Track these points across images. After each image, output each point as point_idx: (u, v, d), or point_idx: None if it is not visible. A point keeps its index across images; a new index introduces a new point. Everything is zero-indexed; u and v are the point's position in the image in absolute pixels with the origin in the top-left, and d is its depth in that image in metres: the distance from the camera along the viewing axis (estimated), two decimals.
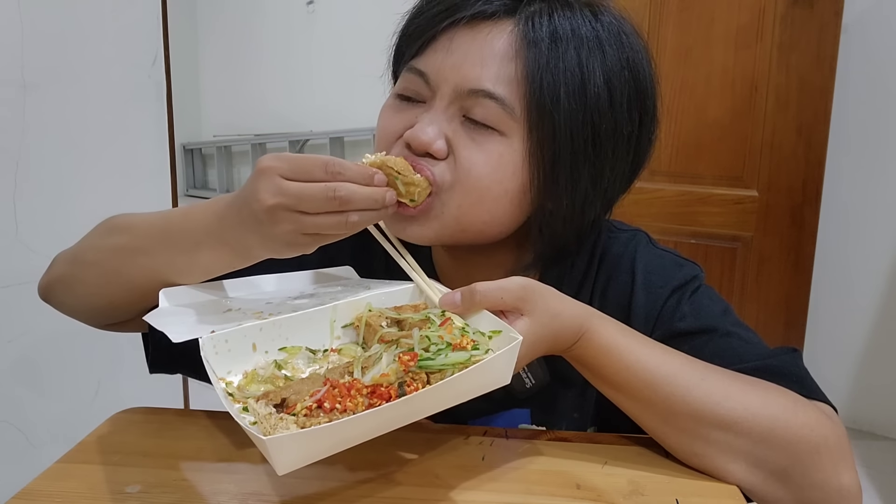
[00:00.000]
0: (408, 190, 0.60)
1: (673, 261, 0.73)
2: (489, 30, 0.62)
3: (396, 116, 0.66)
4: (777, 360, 0.64)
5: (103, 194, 1.32)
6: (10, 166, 1.19)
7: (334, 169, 0.54)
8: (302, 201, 0.53)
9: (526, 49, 0.61)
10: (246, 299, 0.66)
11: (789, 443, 0.57)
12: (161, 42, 1.42)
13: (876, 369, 2.28)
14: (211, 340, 0.54)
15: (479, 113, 0.62)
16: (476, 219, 0.65)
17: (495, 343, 0.53)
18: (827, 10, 1.97)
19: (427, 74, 0.64)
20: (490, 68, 0.61)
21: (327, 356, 0.57)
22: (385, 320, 0.58)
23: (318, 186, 0.53)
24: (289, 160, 0.54)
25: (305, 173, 0.54)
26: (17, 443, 1.25)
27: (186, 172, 8.05)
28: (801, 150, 2.08)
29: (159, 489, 0.57)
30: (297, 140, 6.68)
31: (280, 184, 0.53)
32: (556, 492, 0.57)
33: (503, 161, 0.63)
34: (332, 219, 0.54)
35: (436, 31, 0.63)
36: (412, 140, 0.63)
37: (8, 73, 1.17)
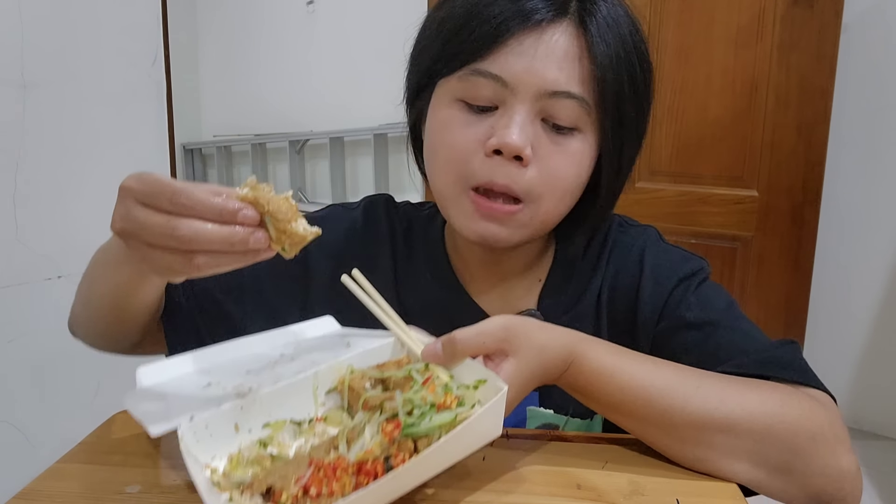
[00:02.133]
0: (279, 237, 0.51)
1: (680, 255, 0.75)
2: (551, 30, 0.62)
3: (470, 129, 0.64)
4: (777, 352, 0.64)
5: (103, 194, 1.32)
6: (10, 166, 1.19)
7: (179, 200, 0.47)
8: (143, 232, 0.48)
9: (588, 45, 0.62)
10: (224, 369, 0.63)
11: (788, 436, 0.57)
12: (161, 42, 1.42)
13: (876, 369, 2.28)
14: (191, 428, 0.51)
15: (562, 114, 0.63)
16: (557, 216, 0.68)
17: (482, 393, 0.51)
18: (827, 10, 1.97)
19: (504, 79, 0.62)
20: (564, 69, 0.62)
21: (313, 426, 0.54)
22: (368, 381, 0.56)
23: (160, 220, 0.47)
24: (144, 182, 0.49)
25: (153, 200, 0.48)
26: (17, 443, 1.25)
27: (186, 172, 8.05)
28: (801, 150, 2.08)
29: (159, 489, 0.57)
30: (298, 140, 6.68)
31: (130, 209, 0.49)
32: (557, 492, 0.57)
33: (583, 158, 0.65)
34: (174, 258, 0.48)
35: (505, 35, 0.61)
36: (503, 145, 0.61)
37: (8, 72, 1.17)
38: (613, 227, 0.78)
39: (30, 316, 1.22)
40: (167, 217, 0.47)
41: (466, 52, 0.63)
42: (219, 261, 0.49)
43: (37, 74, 1.21)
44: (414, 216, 0.81)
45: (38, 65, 1.21)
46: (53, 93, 1.24)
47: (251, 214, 0.49)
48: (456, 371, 0.55)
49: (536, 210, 0.65)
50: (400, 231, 0.79)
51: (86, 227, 1.30)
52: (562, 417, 0.72)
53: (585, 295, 0.75)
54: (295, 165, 6.77)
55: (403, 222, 0.80)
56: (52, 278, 1.26)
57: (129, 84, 1.37)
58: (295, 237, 0.51)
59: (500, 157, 0.62)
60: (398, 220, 0.80)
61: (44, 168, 1.24)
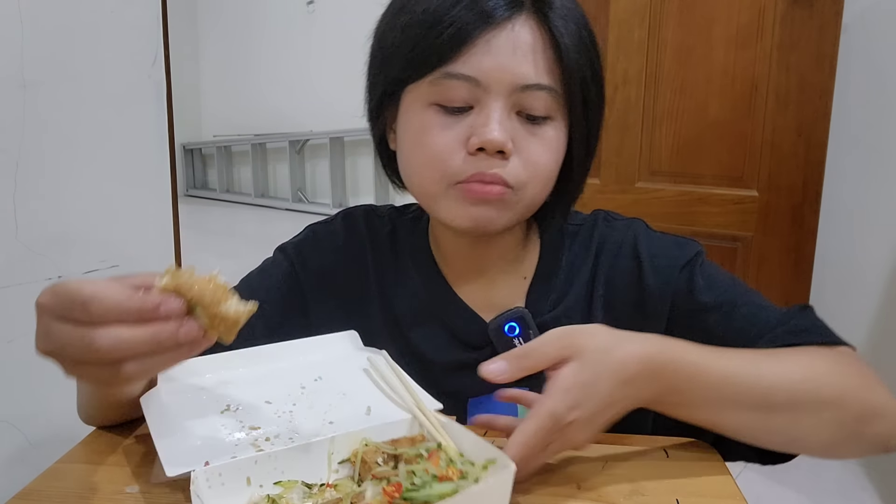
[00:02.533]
0: (212, 323, 0.47)
1: (673, 241, 0.76)
2: (514, 26, 0.63)
3: (449, 131, 0.65)
4: (800, 320, 0.68)
5: (103, 194, 1.32)
6: (10, 166, 1.19)
7: (91, 309, 0.44)
8: (64, 350, 0.46)
9: (551, 35, 0.64)
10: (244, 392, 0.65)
11: (857, 394, 0.61)
12: (161, 42, 1.42)
13: (876, 369, 2.28)
14: (204, 474, 0.52)
15: (536, 105, 0.65)
16: (540, 200, 0.70)
17: (489, 474, 0.51)
18: (827, 10, 1.97)
19: (476, 78, 0.63)
20: (533, 62, 0.64)
21: (323, 491, 0.55)
22: (381, 455, 0.56)
23: (77, 335, 0.45)
24: (56, 295, 0.46)
25: (68, 314, 0.45)
26: (17, 443, 1.25)
27: (186, 172, 8.07)
28: (801, 150, 2.08)
29: (159, 489, 0.57)
30: (298, 140, 6.68)
31: (48, 327, 0.46)
32: (557, 492, 0.57)
33: (559, 144, 0.68)
34: (101, 371, 0.46)
35: (472, 35, 0.62)
36: (486, 143, 0.63)
37: (8, 72, 1.17)
38: (599, 221, 0.79)
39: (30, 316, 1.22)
40: (84, 330, 0.44)
41: (436, 56, 0.64)
42: (151, 363, 0.46)
43: (37, 74, 1.21)
44: (398, 220, 0.82)
45: (38, 65, 1.21)
46: (53, 93, 1.24)
47: (173, 306, 0.45)
48: (467, 450, 0.55)
49: (523, 196, 0.67)
50: (383, 237, 0.80)
51: (86, 227, 1.30)
52: None
53: (573, 290, 0.75)
54: (295, 165, 6.78)
55: (386, 227, 0.81)
56: (53, 278, 1.26)
57: (129, 84, 1.37)
58: (228, 320, 0.47)
59: (483, 154, 0.64)
60: (381, 227, 0.81)
61: (44, 168, 1.23)
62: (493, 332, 0.72)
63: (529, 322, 0.72)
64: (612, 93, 2.30)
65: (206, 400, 0.64)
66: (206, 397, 0.64)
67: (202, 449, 0.56)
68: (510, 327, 0.71)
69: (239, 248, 1.37)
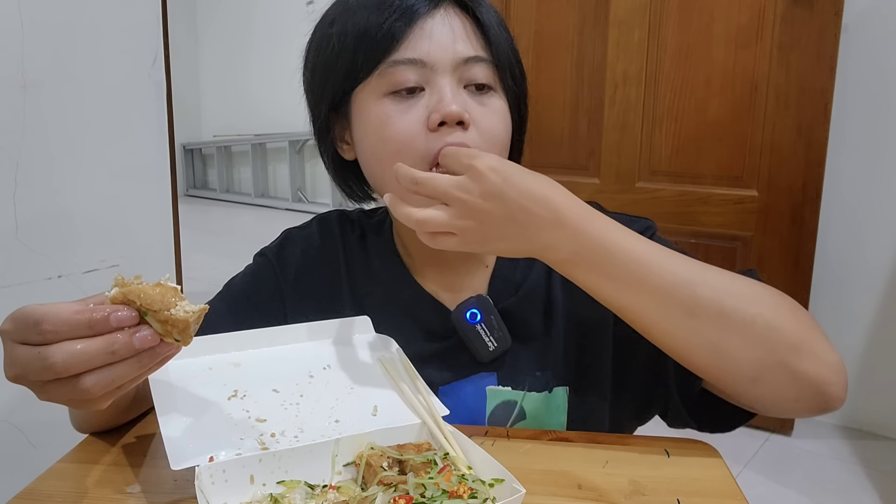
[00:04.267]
0: (165, 329, 0.47)
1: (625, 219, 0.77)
2: (444, 13, 0.69)
3: (407, 115, 0.68)
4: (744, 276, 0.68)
5: (103, 194, 1.32)
6: (10, 166, 1.19)
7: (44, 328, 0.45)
8: (27, 372, 0.47)
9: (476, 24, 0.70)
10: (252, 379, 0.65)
11: (794, 320, 0.60)
12: (161, 42, 1.42)
13: (876, 369, 2.28)
14: (208, 470, 0.52)
15: (480, 75, 0.69)
16: None
17: (497, 492, 0.52)
18: (827, 10, 1.97)
19: (421, 59, 0.67)
20: (467, 40, 0.69)
21: (325, 492, 0.55)
22: (387, 460, 0.57)
23: (33, 354, 0.46)
24: (14, 321, 0.47)
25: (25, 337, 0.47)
26: (17, 443, 1.25)
27: (186, 172, 8.06)
28: (801, 150, 2.08)
29: (159, 489, 0.57)
30: (298, 140, 6.68)
31: (11, 352, 0.47)
32: (557, 492, 0.57)
33: (505, 112, 0.71)
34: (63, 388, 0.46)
35: (407, 25, 0.67)
36: (447, 116, 0.66)
37: (8, 72, 1.17)
38: None
39: None
40: (38, 349, 0.45)
41: (380, 50, 0.68)
42: (111, 375, 0.46)
43: (37, 74, 1.21)
44: (366, 223, 0.85)
45: (38, 65, 1.21)
46: (53, 93, 1.24)
47: (124, 315, 0.46)
48: (476, 466, 0.55)
49: None
50: (354, 239, 0.83)
51: (86, 227, 1.30)
52: (519, 393, 0.73)
53: (532, 274, 0.77)
54: (295, 165, 6.78)
55: (357, 230, 0.84)
56: (53, 278, 1.26)
57: (129, 84, 1.37)
58: (178, 323, 0.47)
59: (445, 128, 0.66)
60: (351, 231, 0.84)
61: (44, 168, 1.24)
62: (456, 319, 0.74)
63: (490, 308, 0.74)
64: (612, 92, 2.30)
65: (214, 383, 0.64)
66: (215, 380, 0.64)
67: (208, 441, 0.56)
68: (471, 314, 0.73)
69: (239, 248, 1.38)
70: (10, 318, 0.48)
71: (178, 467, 0.53)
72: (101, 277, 1.32)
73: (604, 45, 2.29)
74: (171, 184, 1.46)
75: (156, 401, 0.59)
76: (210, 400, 0.62)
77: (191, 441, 0.56)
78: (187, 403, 0.60)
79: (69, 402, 0.50)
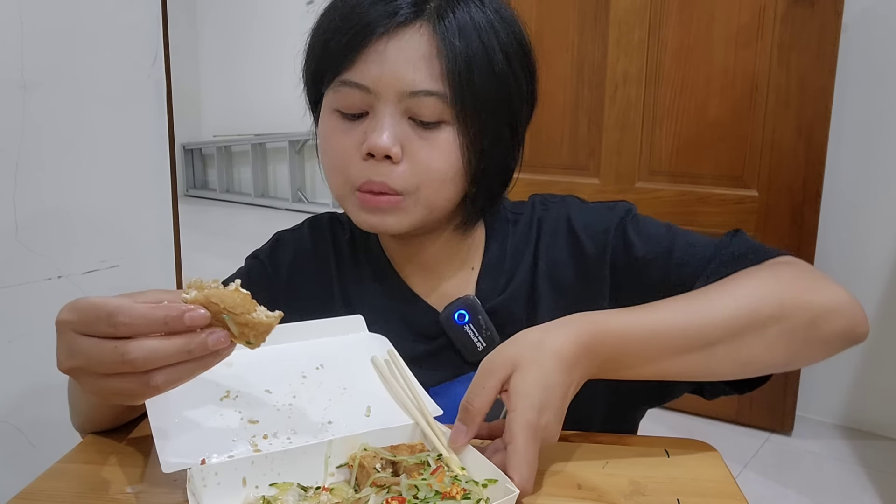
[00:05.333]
0: (241, 331, 0.49)
1: (604, 206, 0.79)
2: (410, 35, 0.66)
3: (346, 136, 0.69)
4: (732, 248, 0.72)
5: (103, 194, 1.32)
6: (10, 166, 1.19)
7: (118, 321, 0.46)
8: (92, 364, 0.47)
9: (444, 49, 0.66)
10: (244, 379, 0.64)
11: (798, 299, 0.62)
12: (161, 42, 1.42)
13: (876, 369, 2.28)
14: (200, 472, 0.52)
15: (425, 111, 0.66)
16: (442, 201, 0.71)
17: (490, 492, 0.52)
18: (827, 10, 1.97)
19: (367, 86, 0.66)
20: (421, 70, 0.66)
21: (318, 495, 0.55)
22: (380, 461, 0.56)
23: (108, 347, 0.46)
24: (79, 311, 0.47)
25: (93, 328, 0.47)
26: (17, 443, 1.25)
27: (186, 172, 8.05)
28: (801, 150, 2.08)
29: (159, 489, 0.57)
30: (298, 140, 6.68)
31: (72, 343, 0.47)
32: (557, 492, 0.57)
33: (452, 147, 0.68)
34: (129, 384, 0.47)
35: (364, 44, 0.66)
36: (372, 148, 0.66)
37: (8, 72, 1.17)
38: (536, 205, 0.82)
39: (30, 316, 1.22)
40: (114, 343, 0.46)
41: (335, 65, 0.68)
42: (179, 374, 0.48)
43: (37, 74, 1.21)
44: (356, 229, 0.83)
45: (38, 65, 1.21)
46: (53, 93, 1.24)
47: (200, 315, 0.47)
48: (469, 467, 0.55)
49: (417, 199, 0.69)
50: (344, 242, 0.84)
51: (86, 228, 1.30)
52: None
53: (518, 274, 0.78)
54: (295, 165, 6.78)
55: (346, 233, 0.84)
56: (52, 278, 1.26)
57: (129, 84, 1.37)
58: (259, 327, 0.49)
59: (373, 159, 0.67)
60: (342, 234, 0.85)
61: (44, 168, 1.23)
62: (445, 320, 0.75)
63: (478, 308, 0.75)
64: (612, 92, 2.30)
65: (206, 384, 0.63)
66: (206, 381, 0.63)
67: (200, 443, 0.56)
68: (460, 315, 0.75)
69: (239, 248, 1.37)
70: (72, 309, 0.48)
71: (169, 470, 0.52)
72: (102, 278, 1.32)
73: (604, 44, 2.29)
74: (171, 184, 1.46)
75: (147, 404, 0.58)
76: (202, 401, 0.61)
77: (182, 443, 0.56)
78: (179, 405, 0.60)
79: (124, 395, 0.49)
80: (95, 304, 0.47)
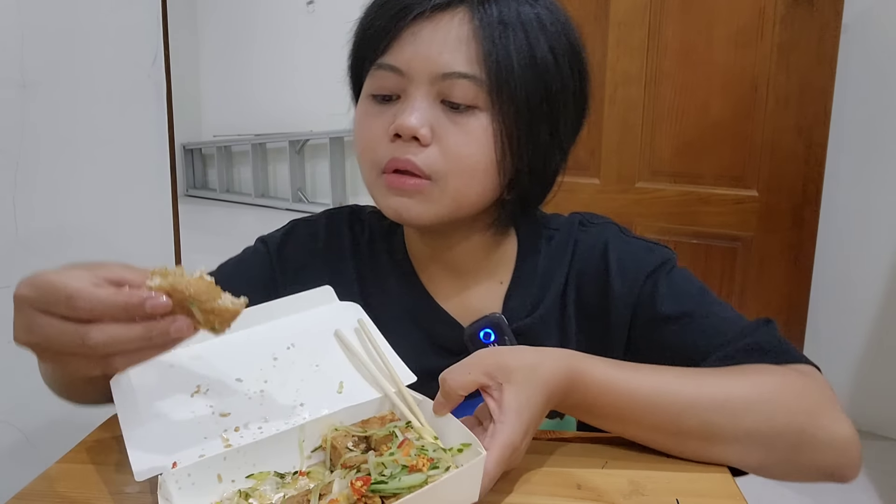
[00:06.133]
0: (206, 318, 0.49)
1: (643, 246, 0.76)
2: (447, 19, 0.65)
3: (377, 119, 0.67)
4: (756, 337, 0.67)
5: (103, 194, 1.32)
6: (10, 166, 1.19)
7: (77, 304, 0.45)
8: (51, 343, 0.47)
9: (481, 33, 0.64)
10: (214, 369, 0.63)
11: (791, 418, 0.59)
12: (161, 42, 1.42)
13: (876, 369, 2.28)
14: (172, 476, 0.52)
15: (458, 93, 0.64)
16: (471, 194, 0.68)
17: (464, 457, 0.52)
18: (827, 10, 1.97)
19: (399, 68, 0.65)
20: (456, 52, 0.64)
21: (296, 480, 0.55)
22: (351, 439, 0.56)
23: (68, 329, 0.46)
24: (37, 288, 0.47)
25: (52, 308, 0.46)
26: (17, 443, 1.25)
27: (186, 172, 8.06)
28: (801, 150, 2.08)
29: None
30: (298, 140, 6.68)
31: (31, 320, 0.47)
32: (557, 492, 0.57)
33: (486, 135, 0.66)
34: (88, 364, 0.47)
35: (399, 27, 0.65)
36: (399, 128, 0.64)
37: (7, 72, 1.17)
38: (575, 226, 0.79)
39: None
40: (74, 326, 0.46)
41: (373, 50, 0.67)
42: (139, 357, 0.48)
43: (36, 74, 1.21)
44: (376, 227, 0.82)
45: (38, 64, 1.21)
46: (53, 93, 1.24)
47: (162, 303, 0.47)
48: (443, 434, 0.55)
49: (445, 187, 0.66)
50: (364, 243, 0.81)
51: (86, 227, 1.30)
52: None
53: (548, 296, 0.75)
54: (295, 165, 6.78)
55: (366, 233, 0.81)
56: None
57: (129, 84, 1.37)
58: (224, 314, 0.49)
59: (401, 140, 0.65)
60: (361, 233, 0.82)
61: (44, 168, 1.24)
62: (469, 338, 0.73)
63: (505, 328, 0.72)
64: (612, 92, 2.30)
65: (175, 380, 0.61)
66: (176, 376, 0.62)
67: (171, 444, 0.55)
68: (486, 333, 0.72)
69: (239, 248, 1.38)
70: (31, 285, 0.48)
71: (141, 478, 0.52)
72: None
73: (604, 45, 2.28)
74: (171, 184, 1.46)
75: (118, 408, 0.57)
76: (172, 399, 0.60)
77: (153, 447, 0.55)
78: (149, 406, 0.58)
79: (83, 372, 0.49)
80: (55, 284, 0.46)
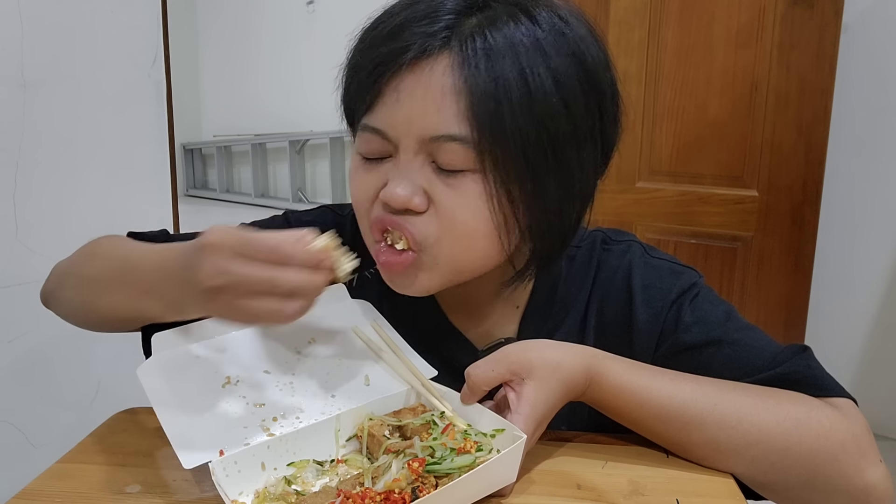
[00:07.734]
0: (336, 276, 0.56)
1: (670, 269, 0.72)
2: (430, 67, 0.57)
3: (367, 178, 0.63)
4: (788, 367, 0.64)
5: (103, 194, 1.32)
6: (10, 166, 1.19)
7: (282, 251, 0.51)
8: (241, 285, 0.51)
9: (468, 81, 0.56)
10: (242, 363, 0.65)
11: (808, 456, 0.58)
12: (161, 42, 1.42)
13: (876, 369, 2.28)
14: (221, 464, 0.54)
15: (446, 158, 0.58)
16: (471, 260, 0.63)
17: (499, 442, 0.55)
18: (827, 10, 1.97)
19: (383, 131, 0.60)
20: (442, 109, 0.57)
21: (335, 467, 0.58)
22: (387, 428, 0.59)
23: (264, 275, 0.51)
24: (238, 239, 0.51)
25: (250, 253, 0.51)
26: (17, 443, 1.25)
27: (186, 172, 8.06)
28: (801, 150, 2.08)
29: (159, 489, 0.57)
30: (298, 140, 6.69)
31: (223, 264, 0.51)
32: (557, 492, 0.57)
33: (483, 198, 0.59)
34: (267, 306, 0.52)
35: (380, 84, 0.59)
36: (389, 200, 0.59)
37: (8, 72, 1.17)
38: (597, 245, 0.75)
39: (30, 316, 1.22)
40: (273, 269, 0.51)
41: (356, 108, 0.64)
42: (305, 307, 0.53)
43: (37, 74, 1.21)
44: None
45: (38, 64, 1.21)
46: (53, 92, 1.24)
47: (329, 263, 0.54)
48: (475, 422, 0.58)
49: (437, 254, 0.61)
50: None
51: (86, 227, 1.30)
52: None
53: (568, 320, 0.73)
54: (295, 165, 6.78)
55: None
56: None
57: (129, 84, 1.37)
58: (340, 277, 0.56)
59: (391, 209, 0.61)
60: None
61: (44, 168, 1.24)
62: None
63: None
64: None
65: (205, 372, 0.63)
66: (205, 369, 0.63)
67: (213, 435, 0.57)
68: None
69: None
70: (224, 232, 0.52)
71: (190, 466, 0.53)
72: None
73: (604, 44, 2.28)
74: (171, 184, 1.46)
75: (152, 400, 0.59)
76: (205, 391, 0.61)
77: (196, 437, 0.56)
78: (183, 398, 0.60)
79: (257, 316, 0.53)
80: (254, 238, 0.51)
